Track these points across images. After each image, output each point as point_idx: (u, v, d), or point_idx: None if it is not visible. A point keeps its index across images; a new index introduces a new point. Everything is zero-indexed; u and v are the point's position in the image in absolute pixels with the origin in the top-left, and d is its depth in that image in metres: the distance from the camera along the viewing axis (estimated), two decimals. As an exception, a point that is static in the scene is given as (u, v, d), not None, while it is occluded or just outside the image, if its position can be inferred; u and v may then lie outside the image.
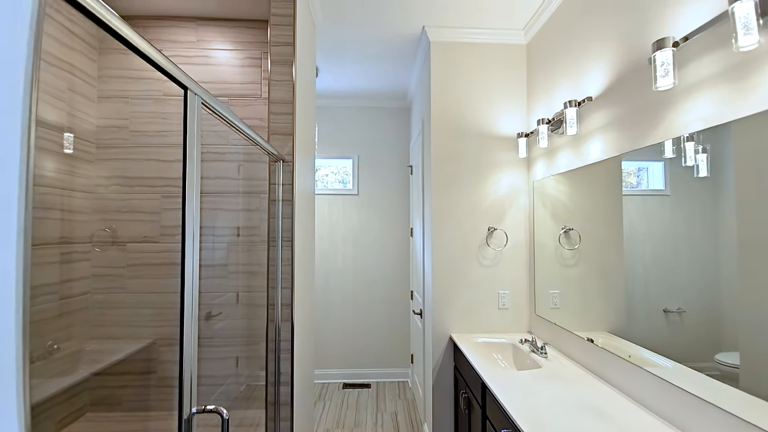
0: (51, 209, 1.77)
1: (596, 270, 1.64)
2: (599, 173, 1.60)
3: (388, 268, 3.55)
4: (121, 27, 0.59)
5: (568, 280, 1.87)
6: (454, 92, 2.29)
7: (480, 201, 2.28)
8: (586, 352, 1.65)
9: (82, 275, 1.94)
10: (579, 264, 1.79)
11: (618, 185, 1.46)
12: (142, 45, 0.64)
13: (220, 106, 0.94)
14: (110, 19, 0.57)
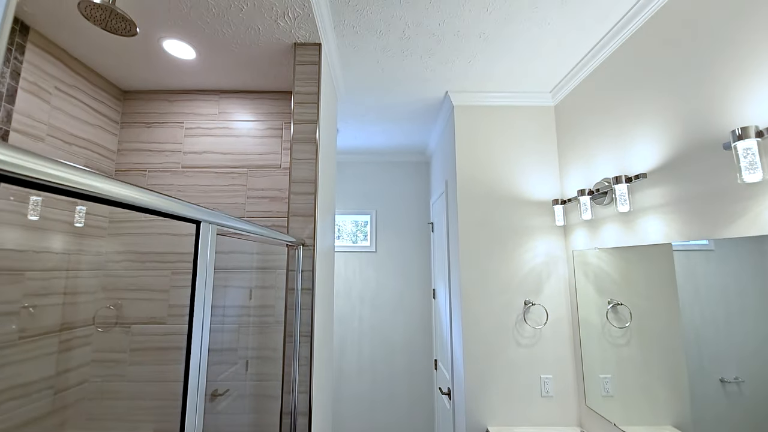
0: (53, 294, 1.66)
1: (653, 350, 1.40)
2: (655, 253, 1.41)
3: (409, 332, 3.28)
4: (112, 189, 0.47)
5: (620, 363, 1.62)
6: (480, 155, 2.18)
7: (514, 271, 2.08)
8: (664, 475, 1.36)
9: (81, 362, 1.78)
10: (631, 343, 1.55)
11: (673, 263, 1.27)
12: (148, 199, 0.52)
13: (238, 222, 0.82)
14: (106, 190, 0.45)
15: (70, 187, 0.42)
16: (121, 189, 0.49)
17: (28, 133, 1.51)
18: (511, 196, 2.15)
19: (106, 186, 0.46)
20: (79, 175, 0.43)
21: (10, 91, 1.42)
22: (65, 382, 1.69)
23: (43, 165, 0.37)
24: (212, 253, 0.71)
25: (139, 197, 0.53)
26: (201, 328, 0.73)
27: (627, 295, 1.59)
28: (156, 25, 1.51)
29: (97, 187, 0.45)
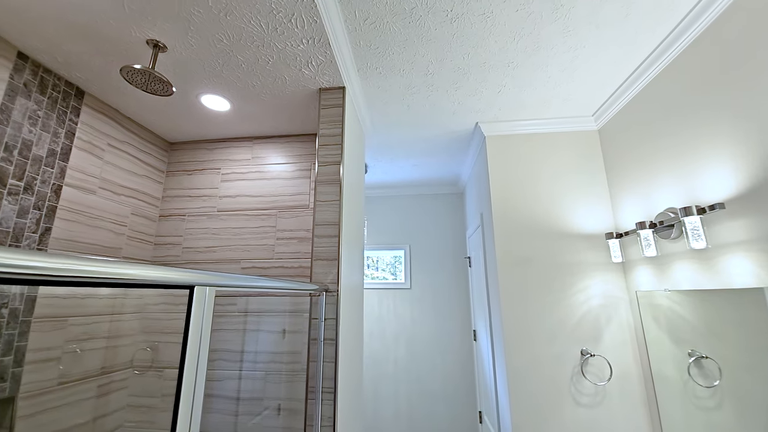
0: (97, 338, 1.72)
1: (756, 416, 1.08)
2: (747, 299, 1.14)
3: (448, 377, 3.01)
4: (114, 271, 0.43)
5: (712, 430, 1.29)
6: (516, 186, 2.03)
7: (565, 316, 1.83)
8: None
9: (117, 407, 1.79)
10: (724, 406, 1.24)
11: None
12: (124, 272, 0.48)
13: (244, 279, 0.76)
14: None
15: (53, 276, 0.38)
16: (84, 265, 0.45)
17: (81, 186, 1.64)
18: (556, 229, 1.94)
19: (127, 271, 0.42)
20: (54, 262, 0.39)
21: (65, 149, 1.56)
22: (101, 428, 1.70)
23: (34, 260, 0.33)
24: (208, 316, 0.65)
25: (116, 272, 0.48)
26: (192, 394, 0.65)
27: (713, 346, 1.30)
28: (194, 83, 1.62)
29: (72, 269, 0.41)
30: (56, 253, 0.40)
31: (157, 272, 0.53)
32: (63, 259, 0.41)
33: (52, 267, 0.39)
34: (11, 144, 1.36)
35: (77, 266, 0.42)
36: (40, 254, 0.39)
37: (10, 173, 1.35)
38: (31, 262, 0.37)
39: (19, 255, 0.36)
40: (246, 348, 1.83)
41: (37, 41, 1.35)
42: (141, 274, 0.50)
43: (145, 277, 0.50)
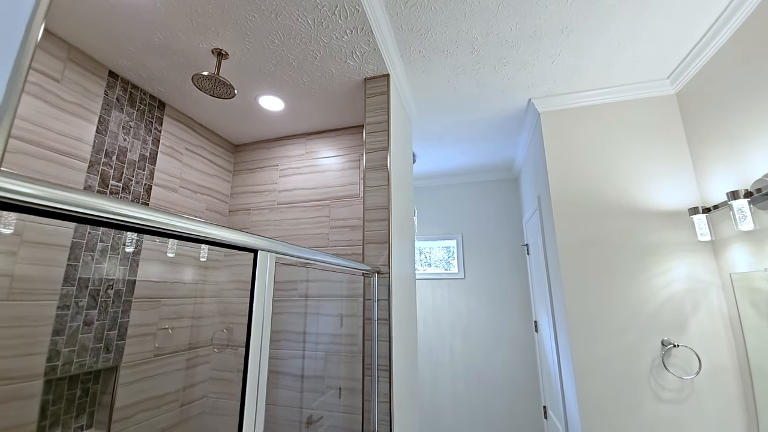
0: (184, 318, 1.96)
1: None
2: None
3: (507, 369, 2.89)
4: (198, 229, 0.51)
5: None
6: (576, 163, 1.88)
7: (640, 303, 1.66)
8: None
9: (202, 379, 2.03)
10: None
11: None
12: (198, 232, 0.55)
13: (300, 251, 0.82)
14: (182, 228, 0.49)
15: (137, 224, 0.46)
16: (179, 222, 0.53)
17: (166, 186, 1.89)
18: (626, 207, 1.76)
19: (166, 220, 0.50)
20: (142, 212, 0.48)
21: (152, 154, 1.81)
22: (189, 396, 1.94)
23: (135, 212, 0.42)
24: (270, 280, 0.72)
25: (200, 230, 0.56)
26: (259, 353, 0.72)
27: None
28: (252, 85, 1.77)
29: (160, 222, 0.50)
30: (161, 211, 0.49)
31: (230, 234, 0.60)
32: (165, 216, 0.49)
33: (158, 220, 0.47)
34: (110, 150, 1.61)
35: (173, 222, 0.50)
36: (151, 210, 0.47)
37: (110, 175, 1.60)
38: (143, 215, 0.45)
39: (136, 209, 0.44)
40: (307, 330, 1.95)
41: (124, 60, 1.58)
42: (218, 234, 0.57)
43: (220, 236, 0.58)
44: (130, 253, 1.68)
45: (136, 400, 1.65)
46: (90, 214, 0.42)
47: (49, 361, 1.34)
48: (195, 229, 0.55)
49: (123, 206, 0.46)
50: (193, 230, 0.54)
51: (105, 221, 0.45)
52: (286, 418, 1.88)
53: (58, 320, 1.37)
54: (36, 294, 1.30)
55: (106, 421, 1.54)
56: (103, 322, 1.54)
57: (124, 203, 0.47)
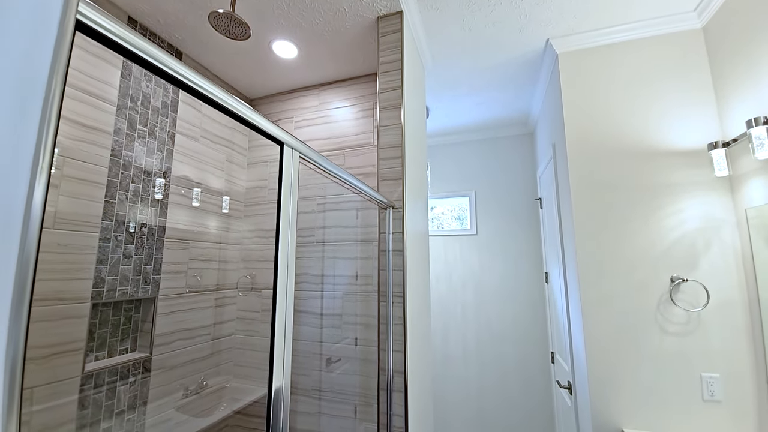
0: (212, 260, 2.10)
1: None
2: None
3: (518, 321, 2.99)
4: (222, 96, 0.57)
5: None
6: (593, 106, 1.84)
7: (650, 243, 1.68)
8: None
9: (229, 318, 2.20)
10: None
11: None
12: (239, 107, 0.61)
13: (320, 158, 0.88)
14: (218, 95, 0.55)
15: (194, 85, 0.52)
16: (230, 100, 0.59)
17: (188, 134, 1.96)
18: (642, 148, 1.74)
19: (221, 95, 0.56)
20: (208, 86, 0.53)
21: (174, 102, 1.87)
22: (219, 332, 2.11)
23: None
24: (295, 177, 0.78)
25: (240, 108, 0.62)
26: (287, 250, 0.79)
27: None
28: (266, 29, 1.78)
29: (216, 95, 0.56)
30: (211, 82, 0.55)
31: (261, 120, 0.66)
32: (207, 81, 0.55)
33: (207, 88, 0.53)
34: (135, 96, 1.67)
35: (211, 89, 0.56)
36: (199, 75, 0.52)
37: (137, 120, 1.68)
38: (199, 80, 0.51)
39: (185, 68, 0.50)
40: (325, 272, 2.06)
41: (143, 4, 1.61)
42: (250, 115, 0.63)
43: (253, 118, 0.64)
44: (159, 200, 1.79)
45: (172, 330, 1.82)
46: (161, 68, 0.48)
47: (95, 287, 1.48)
48: (236, 106, 0.61)
49: (185, 69, 0.52)
50: (235, 106, 0.60)
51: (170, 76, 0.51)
52: (308, 351, 2.03)
53: (101, 251, 1.50)
54: (79, 225, 1.42)
55: (147, 345, 1.70)
56: (140, 257, 1.67)
57: (185, 67, 0.52)
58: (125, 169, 1.62)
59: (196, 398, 1.91)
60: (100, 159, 1.51)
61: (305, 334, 2.05)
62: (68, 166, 1.40)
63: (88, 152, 1.47)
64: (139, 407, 1.63)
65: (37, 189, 0.34)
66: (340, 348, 1.97)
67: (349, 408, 1.90)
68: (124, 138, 1.62)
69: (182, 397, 1.85)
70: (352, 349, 1.94)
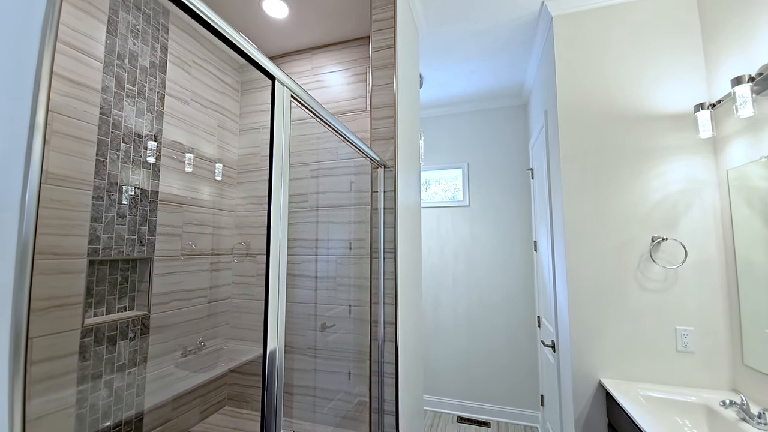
0: (206, 226, 2.12)
1: None
2: None
3: (507, 289, 3.09)
4: (214, 18, 0.57)
5: None
6: (586, 70, 1.85)
7: (634, 205, 1.73)
8: None
9: (225, 282, 2.24)
10: None
11: None
12: (233, 34, 0.62)
13: (313, 101, 0.89)
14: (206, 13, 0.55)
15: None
16: (224, 25, 0.59)
17: (178, 97, 1.94)
18: (631, 111, 1.77)
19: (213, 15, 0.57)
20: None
21: (162, 62, 1.84)
22: (215, 295, 2.16)
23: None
24: (287, 118, 0.79)
25: (236, 37, 0.63)
26: (281, 195, 0.81)
27: None
28: (254, -14, 1.73)
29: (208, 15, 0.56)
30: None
31: (255, 51, 0.67)
32: (213, 13, 0.55)
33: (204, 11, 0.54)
34: (122, 53, 1.64)
35: (213, 16, 0.56)
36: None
37: (125, 78, 1.65)
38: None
39: None
40: (319, 237, 2.10)
41: (128, -45, 1.55)
42: (244, 45, 0.64)
43: (246, 47, 0.64)
44: (152, 164, 1.78)
45: (169, 290, 1.85)
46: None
47: (91, 244, 1.50)
48: (228, 31, 0.61)
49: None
50: (227, 31, 0.61)
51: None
52: (304, 313, 2.09)
53: (95, 209, 1.51)
54: (71, 182, 1.42)
55: (145, 304, 1.74)
56: (134, 217, 1.68)
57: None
58: (115, 129, 1.61)
59: (195, 357, 1.97)
60: (89, 116, 1.50)
61: (301, 296, 2.11)
62: (58, 121, 1.39)
63: (77, 109, 1.45)
64: (140, 362, 1.69)
65: (36, 143, 0.36)
66: (335, 311, 2.03)
67: (343, 364, 1.98)
68: (113, 96, 1.60)
69: (181, 356, 1.91)
70: (346, 310, 2.01)
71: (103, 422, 1.49)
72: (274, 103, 0.75)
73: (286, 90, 0.78)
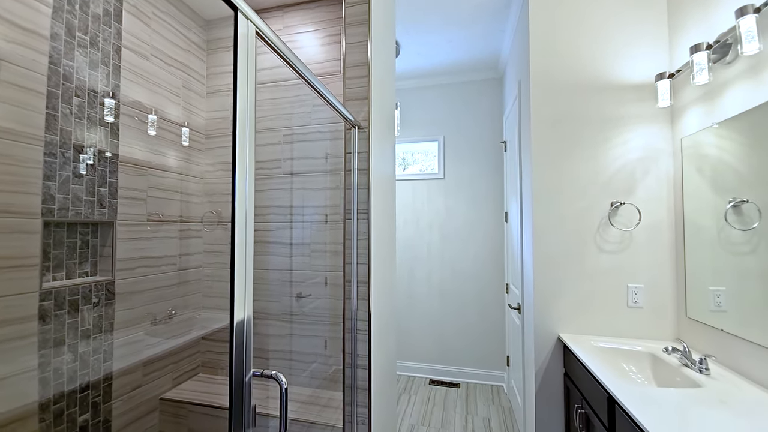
0: (174, 191, 2.04)
1: None
2: None
3: (479, 258, 3.20)
4: None
5: (741, 274, 1.32)
6: (558, 39, 1.88)
7: (598, 171, 1.82)
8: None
9: (196, 251, 2.19)
10: (758, 251, 1.24)
11: None
12: None
13: (281, 44, 0.86)
14: None
15: None
16: None
17: (136, 51, 1.81)
18: (598, 82, 1.82)
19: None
20: None
21: (117, 11, 1.69)
22: (186, 263, 2.11)
23: None
24: (252, 59, 0.76)
25: None
26: (246, 153, 0.78)
27: (756, 189, 1.25)
28: (219, -70, 1.60)
29: None
30: None
31: None
32: None
33: None
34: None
35: None
36: None
37: (75, 26, 1.52)
38: None
39: None
40: (294, 203, 2.07)
41: None
42: None
43: None
44: (110, 123, 1.67)
45: (135, 256, 1.79)
46: None
47: (45, 204, 1.41)
48: None
49: None
50: None
51: None
52: (278, 280, 2.09)
53: (47, 166, 1.41)
54: (19, 135, 1.32)
55: (109, 269, 1.68)
56: (93, 178, 1.59)
57: None
58: (66, 81, 1.49)
59: (165, 326, 1.94)
60: (38, 65, 1.38)
61: (276, 263, 2.10)
62: (4, 70, 1.26)
63: (23, 56, 1.33)
64: (106, 329, 1.64)
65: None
66: (310, 276, 2.04)
67: (318, 327, 2.01)
68: (63, 45, 1.47)
69: (151, 325, 1.88)
70: (321, 275, 2.02)
71: (69, 386, 1.46)
72: (237, 40, 0.72)
73: (250, 25, 0.74)
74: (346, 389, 1.44)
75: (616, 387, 1.18)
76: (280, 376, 0.78)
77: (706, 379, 1.27)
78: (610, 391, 1.17)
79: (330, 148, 2.01)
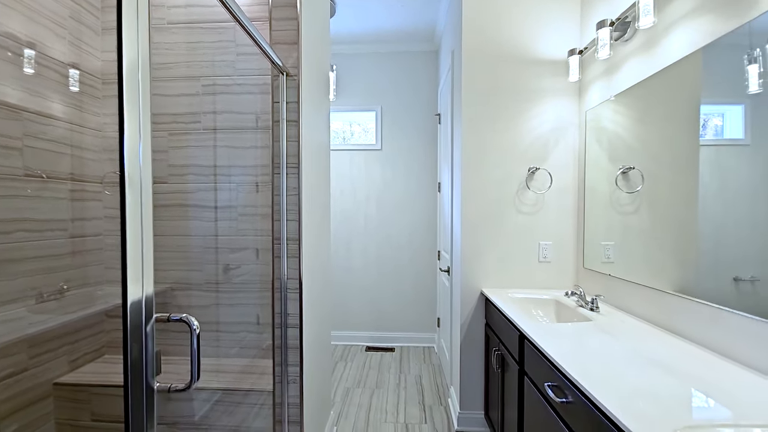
0: (61, 144, 1.70)
1: (661, 218, 1.32)
2: (673, 84, 1.24)
3: (413, 228, 3.32)
4: None
5: (625, 230, 1.56)
6: (490, 13, 1.95)
7: (518, 140, 1.97)
8: (649, 302, 1.35)
9: (95, 216, 1.88)
10: (640, 211, 1.47)
11: (695, 98, 1.12)
12: None
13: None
14: None
15: None
16: None
17: (-2, -41, 1.42)
18: (522, 56, 1.95)
19: None
20: None
21: None
22: (81, 230, 1.81)
23: None
24: None
25: None
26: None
27: (641, 158, 1.46)
28: None
29: None
30: None
31: None
32: None
33: None
34: None
35: None
36: None
37: None
38: None
39: None
40: (218, 163, 1.89)
41: None
42: None
43: None
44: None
45: (12, 217, 1.48)
46: None
47: None
48: None
49: None
50: None
51: None
52: (201, 246, 1.91)
53: None
54: None
55: (-30, 232, 1.36)
56: (-64, 115, 1.25)
57: None
58: None
59: (55, 303, 1.66)
60: None
61: (197, 228, 1.91)
62: None
63: None
64: (-30, 304, 1.34)
65: None
66: (237, 242, 1.90)
67: (247, 295, 1.90)
68: None
69: (36, 301, 1.59)
70: (250, 240, 1.90)
71: None
72: None
73: None
74: (276, 350, 1.40)
75: (526, 326, 1.32)
76: (192, 319, 0.71)
77: (595, 315, 1.49)
78: (521, 329, 1.31)
79: (260, 102, 1.86)
